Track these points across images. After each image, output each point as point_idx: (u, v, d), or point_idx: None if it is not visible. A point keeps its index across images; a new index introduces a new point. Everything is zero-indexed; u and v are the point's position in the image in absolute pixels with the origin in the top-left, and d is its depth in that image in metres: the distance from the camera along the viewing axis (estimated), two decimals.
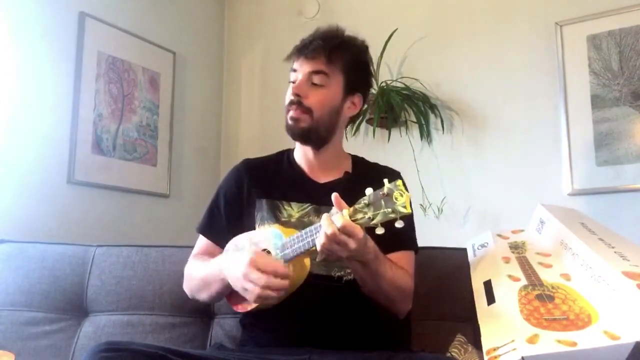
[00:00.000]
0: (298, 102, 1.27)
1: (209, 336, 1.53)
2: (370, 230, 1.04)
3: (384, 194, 1.00)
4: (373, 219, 1.01)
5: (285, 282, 1.08)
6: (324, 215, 1.04)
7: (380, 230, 1.02)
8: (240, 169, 1.39)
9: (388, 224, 1.01)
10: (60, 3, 2.27)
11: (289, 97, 1.30)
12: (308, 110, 1.27)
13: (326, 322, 1.21)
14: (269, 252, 1.15)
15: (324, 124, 1.29)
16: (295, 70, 1.30)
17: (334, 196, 1.05)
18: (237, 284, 1.12)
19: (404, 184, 1.05)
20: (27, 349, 1.52)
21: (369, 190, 1.03)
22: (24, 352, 1.50)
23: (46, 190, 2.16)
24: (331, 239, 1.01)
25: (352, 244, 1.02)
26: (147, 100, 2.61)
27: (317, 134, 1.30)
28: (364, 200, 1.03)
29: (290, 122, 1.29)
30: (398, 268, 1.21)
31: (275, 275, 1.07)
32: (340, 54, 1.29)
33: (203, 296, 1.30)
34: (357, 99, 1.35)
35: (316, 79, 1.27)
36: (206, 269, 1.26)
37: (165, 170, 2.67)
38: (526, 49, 2.32)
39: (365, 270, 1.13)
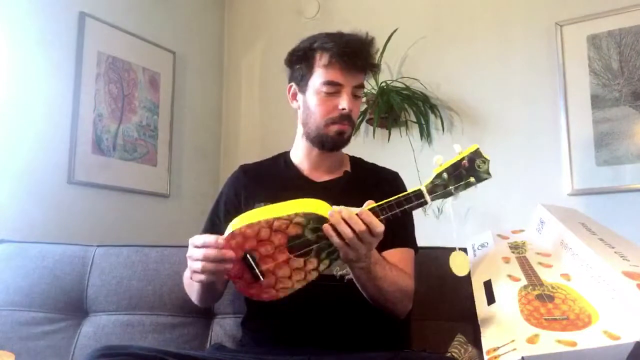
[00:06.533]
0: (348, 117, 1.25)
1: (209, 336, 1.53)
2: None
3: (465, 163, 1.04)
4: (457, 187, 1.05)
5: (217, 252, 1.01)
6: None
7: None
8: (238, 176, 1.40)
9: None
10: (60, 3, 2.27)
11: (331, 111, 1.25)
12: (353, 122, 1.28)
13: (327, 322, 1.20)
14: None
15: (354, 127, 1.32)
16: (338, 84, 1.24)
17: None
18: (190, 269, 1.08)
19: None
20: (27, 349, 1.52)
21: (438, 159, 1.06)
22: (24, 352, 1.50)
23: (46, 190, 2.16)
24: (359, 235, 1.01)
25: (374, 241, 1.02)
26: (147, 100, 2.61)
27: (349, 139, 1.31)
28: (444, 173, 1.05)
29: (336, 135, 1.26)
30: (398, 269, 1.20)
31: (205, 245, 1.02)
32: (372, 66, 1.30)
33: (194, 298, 1.30)
34: None
35: (358, 92, 1.27)
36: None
37: (165, 170, 2.67)
38: (526, 49, 2.31)
39: (368, 275, 1.13)
